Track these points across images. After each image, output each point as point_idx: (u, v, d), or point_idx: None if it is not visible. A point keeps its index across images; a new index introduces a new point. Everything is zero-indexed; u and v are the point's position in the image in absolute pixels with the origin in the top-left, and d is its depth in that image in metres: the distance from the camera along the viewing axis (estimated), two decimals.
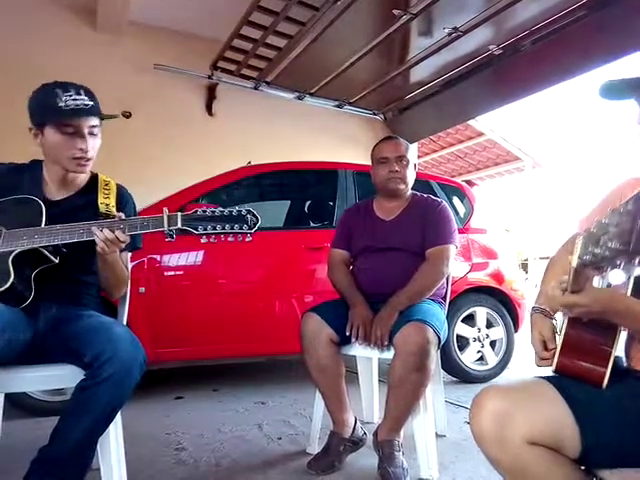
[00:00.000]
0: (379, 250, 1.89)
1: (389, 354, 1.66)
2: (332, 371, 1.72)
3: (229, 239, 1.27)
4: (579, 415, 0.90)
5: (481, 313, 3.11)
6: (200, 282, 2.62)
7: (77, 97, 1.31)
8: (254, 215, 1.27)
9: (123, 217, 1.30)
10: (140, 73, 4.16)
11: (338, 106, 4.96)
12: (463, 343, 3.07)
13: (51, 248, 1.30)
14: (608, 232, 0.67)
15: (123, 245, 1.29)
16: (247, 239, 1.27)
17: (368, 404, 2.23)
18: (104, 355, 1.16)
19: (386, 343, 1.67)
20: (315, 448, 1.81)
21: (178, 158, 4.15)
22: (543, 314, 1.06)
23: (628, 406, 0.90)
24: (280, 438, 2.03)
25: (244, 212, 1.27)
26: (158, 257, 2.51)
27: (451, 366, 2.99)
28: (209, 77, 4.31)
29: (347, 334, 1.72)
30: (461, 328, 3.05)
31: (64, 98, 1.30)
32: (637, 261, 0.67)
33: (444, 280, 1.88)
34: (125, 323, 1.53)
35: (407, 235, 1.87)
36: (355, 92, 4.76)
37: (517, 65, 3.82)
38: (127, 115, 4.22)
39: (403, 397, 1.60)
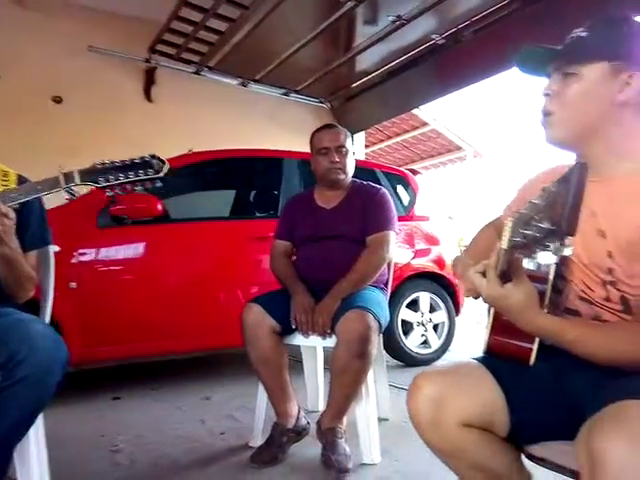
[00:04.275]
0: (321, 238, 1.88)
1: (332, 342, 1.65)
2: (274, 362, 1.69)
3: (136, 188, 1.18)
4: (508, 394, 0.92)
5: (424, 298, 3.18)
6: (138, 275, 2.50)
7: None
8: (160, 160, 1.18)
9: None
10: (73, 56, 3.90)
11: (284, 94, 4.89)
12: (407, 328, 3.12)
13: None
14: (539, 212, 0.67)
15: (7, 221, 1.13)
16: (157, 184, 1.19)
17: (313, 393, 2.22)
18: (19, 354, 1.06)
19: (328, 331, 1.66)
20: (259, 441, 1.77)
21: (114, 146, 3.86)
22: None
23: (551, 383, 0.93)
24: (223, 433, 1.98)
25: (148, 157, 1.18)
26: (90, 250, 2.37)
27: (396, 351, 3.05)
28: (147, 61, 4.12)
29: (292, 325, 1.69)
30: (405, 313, 3.11)
31: None
32: (567, 242, 0.67)
33: (385, 266, 1.89)
34: (48, 321, 1.42)
35: (348, 223, 1.86)
36: (301, 80, 4.71)
37: (459, 55, 3.91)
38: (58, 100, 3.96)
39: (345, 384, 1.60)
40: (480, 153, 7.63)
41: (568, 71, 0.89)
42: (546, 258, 0.69)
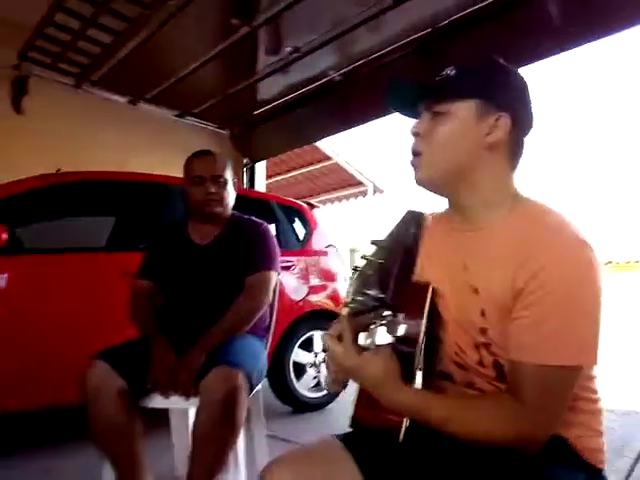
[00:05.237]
0: (192, 279, 1.65)
1: (196, 403, 1.40)
2: (123, 432, 1.39)
3: None
4: None
5: (319, 337, 3.03)
6: None
7: None
8: None
9: None
10: None
11: (179, 115, 4.62)
12: (300, 369, 2.93)
13: None
14: (371, 274, 0.53)
15: None
16: None
17: (182, 453, 1.91)
18: None
19: (192, 390, 1.41)
20: None
21: None
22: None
23: (422, 464, 0.80)
24: None
25: None
26: None
27: (286, 396, 2.84)
28: (15, 67, 3.64)
29: (148, 385, 1.42)
30: (298, 354, 2.92)
31: None
32: (401, 317, 0.53)
33: (264, 310, 1.69)
34: None
35: (224, 262, 1.65)
36: (198, 102, 4.48)
37: (356, 92, 3.94)
38: None
39: (208, 455, 1.35)
40: (380, 188, 7.87)
41: (436, 110, 0.82)
42: (382, 337, 0.55)
